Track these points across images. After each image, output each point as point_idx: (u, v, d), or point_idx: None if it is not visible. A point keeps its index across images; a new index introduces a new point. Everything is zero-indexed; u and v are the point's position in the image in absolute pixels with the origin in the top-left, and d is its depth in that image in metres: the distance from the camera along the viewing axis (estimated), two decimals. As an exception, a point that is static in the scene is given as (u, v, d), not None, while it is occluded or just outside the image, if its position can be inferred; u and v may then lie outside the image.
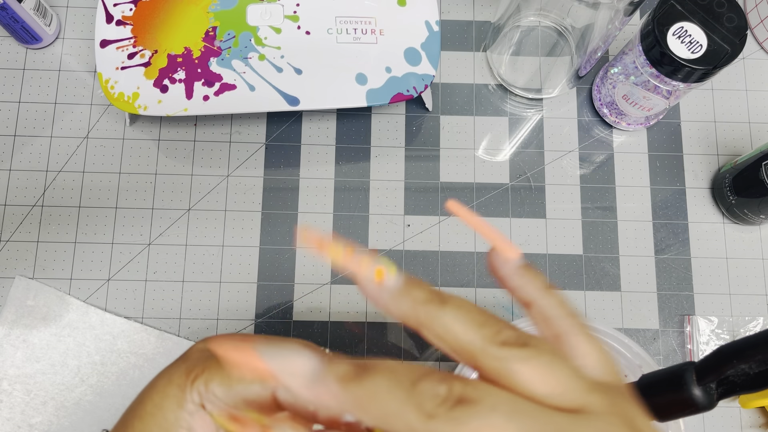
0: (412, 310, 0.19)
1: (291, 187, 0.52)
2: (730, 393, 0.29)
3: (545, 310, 0.21)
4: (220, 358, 0.21)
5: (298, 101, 0.47)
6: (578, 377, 0.18)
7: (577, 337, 0.21)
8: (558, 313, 0.21)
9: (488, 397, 0.17)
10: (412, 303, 0.19)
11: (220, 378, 0.23)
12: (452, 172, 0.53)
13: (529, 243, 0.51)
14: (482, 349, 0.18)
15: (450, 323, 0.19)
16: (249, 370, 0.19)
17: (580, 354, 0.20)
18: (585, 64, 0.50)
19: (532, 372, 0.18)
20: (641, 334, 0.50)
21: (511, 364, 0.18)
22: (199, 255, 0.50)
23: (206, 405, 0.23)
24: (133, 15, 0.48)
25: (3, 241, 0.50)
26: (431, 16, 0.49)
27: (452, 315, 0.19)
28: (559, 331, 0.21)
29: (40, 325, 0.48)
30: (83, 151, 0.52)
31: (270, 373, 0.19)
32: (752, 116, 0.54)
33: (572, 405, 0.18)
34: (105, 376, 0.47)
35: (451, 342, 0.19)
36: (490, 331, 0.18)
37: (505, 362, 0.18)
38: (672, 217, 0.52)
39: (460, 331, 0.18)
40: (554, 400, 0.18)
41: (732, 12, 0.43)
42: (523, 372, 0.18)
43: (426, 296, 0.19)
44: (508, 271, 0.22)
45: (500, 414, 0.16)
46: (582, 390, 0.18)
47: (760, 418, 0.48)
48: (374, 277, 0.20)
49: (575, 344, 0.21)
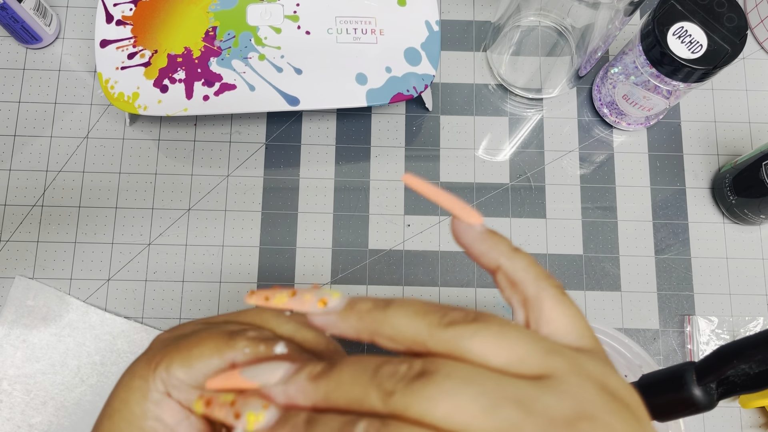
0: (360, 322, 0.19)
1: (291, 187, 0.52)
2: (730, 393, 0.29)
3: (512, 273, 0.21)
4: (180, 341, 0.22)
5: (298, 101, 0.47)
6: (534, 342, 0.18)
7: (547, 301, 0.20)
8: (526, 276, 0.20)
9: (445, 367, 0.17)
10: (358, 316, 0.19)
11: (179, 360, 0.22)
12: (452, 172, 0.52)
13: (529, 243, 0.51)
14: (430, 335, 0.18)
15: (396, 321, 0.19)
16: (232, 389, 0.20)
17: (551, 319, 0.20)
18: (585, 64, 0.50)
19: (482, 345, 0.17)
20: (641, 334, 0.50)
21: (460, 341, 0.18)
22: (199, 255, 0.50)
23: (171, 392, 0.23)
24: (133, 15, 0.48)
25: (3, 241, 0.50)
26: (431, 16, 0.49)
27: (396, 313, 0.19)
28: (527, 295, 0.20)
29: (40, 325, 0.48)
30: (83, 151, 0.52)
31: (253, 386, 0.20)
32: (752, 116, 0.54)
33: (533, 371, 0.17)
34: (105, 376, 0.47)
35: (401, 339, 0.19)
36: (435, 317, 0.18)
37: (454, 342, 0.18)
38: (672, 217, 0.52)
39: (407, 326, 0.18)
40: (513, 369, 0.17)
41: (732, 12, 0.43)
42: (474, 346, 0.17)
43: (369, 305, 0.19)
44: (471, 237, 0.21)
45: (455, 380, 0.16)
46: (541, 354, 0.18)
47: (760, 418, 0.48)
48: (318, 306, 0.20)
49: (545, 309, 0.20)
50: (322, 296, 0.21)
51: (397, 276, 0.50)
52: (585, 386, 0.17)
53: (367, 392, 0.17)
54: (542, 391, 0.17)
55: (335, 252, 0.51)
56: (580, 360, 0.18)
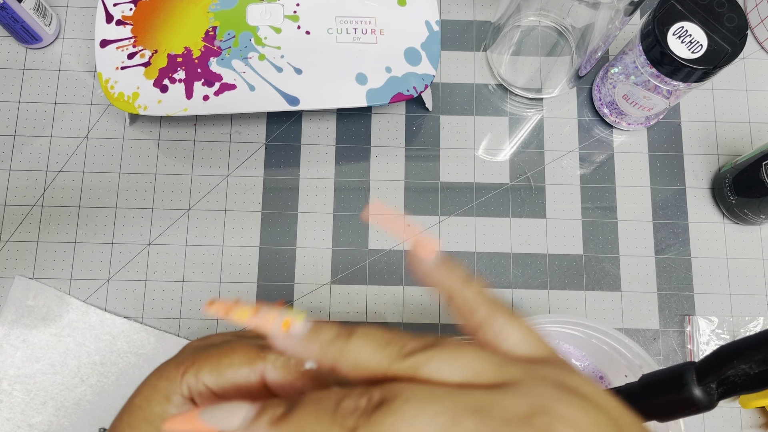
0: (322, 350, 0.20)
1: (291, 187, 0.52)
2: (730, 393, 0.29)
3: (466, 300, 0.22)
4: (210, 349, 0.22)
5: (298, 101, 0.47)
6: (487, 357, 0.19)
7: (498, 321, 0.21)
8: (477, 302, 0.22)
9: (403, 392, 0.17)
10: (320, 344, 0.20)
11: (209, 367, 0.23)
12: (452, 172, 0.52)
13: (529, 243, 0.51)
14: (389, 366, 0.19)
15: (358, 352, 0.19)
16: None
17: (505, 336, 0.21)
18: (585, 64, 0.50)
19: (439, 367, 0.18)
20: (641, 334, 0.50)
21: (419, 369, 0.18)
22: (199, 255, 0.50)
23: (196, 398, 0.23)
24: (133, 15, 0.48)
25: (3, 241, 0.50)
26: (431, 15, 0.49)
27: (358, 344, 0.19)
28: (480, 319, 0.21)
29: (40, 325, 0.48)
30: (83, 151, 0.52)
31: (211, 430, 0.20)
32: (752, 116, 0.54)
33: (490, 381, 0.18)
34: (105, 376, 0.47)
35: (362, 370, 0.19)
36: (395, 348, 0.19)
37: (413, 371, 0.18)
38: (672, 217, 0.52)
39: (368, 357, 0.19)
40: (471, 383, 0.18)
41: (732, 12, 0.43)
42: (431, 370, 0.18)
43: (332, 335, 0.20)
44: (427, 266, 0.22)
45: (414, 404, 0.17)
46: (495, 366, 0.18)
47: (760, 418, 0.48)
48: (281, 328, 0.20)
49: (497, 328, 0.21)
50: (285, 317, 0.20)
51: (397, 276, 0.50)
52: (540, 386, 0.18)
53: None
54: (498, 396, 0.17)
55: (335, 252, 0.51)
56: (534, 366, 0.19)
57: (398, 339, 0.19)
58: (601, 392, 0.19)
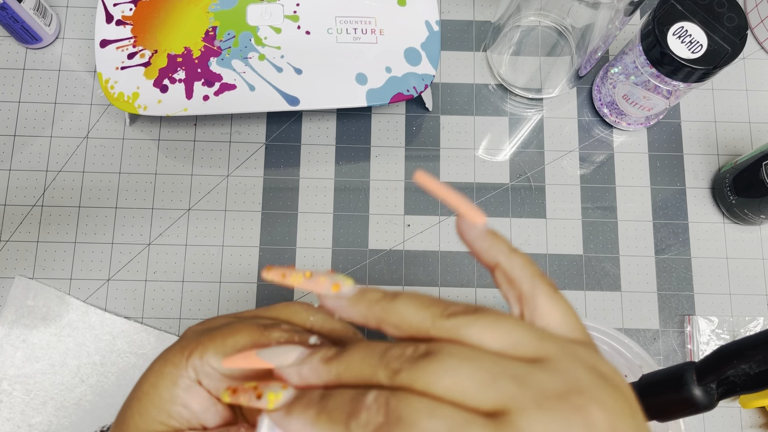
0: (369, 309, 0.21)
1: (291, 187, 0.52)
2: (730, 393, 0.29)
3: (509, 270, 0.22)
4: (214, 331, 0.23)
5: (298, 101, 0.47)
6: (528, 330, 0.19)
7: (540, 297, 0.21)
8: (522, 274, 0.22)
9: (447, 347, 0.18)
10: (367, 303, 0.21)
11: (214, 348, 0.23)
12: (452, 172, 0.52)
13: (529, 243, 0.51)
14: (432, 324, 0.19)
15: (402, 311, 0.20)
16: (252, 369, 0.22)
17: (545, 313, 0.21)
18: (585, 64, 0.50)
19: (481, 332, 0.19)
20: (641, 334, 0.50)
21: (460, 329, 0.19)
22: (199, 255, 0.50)
23: (203, 380, 0.23)
24: (133, 15, 0.48)
25: (3, 241, 0.50)
26: (431, 15, 0.49)
27: (403, 304, 0.20)
28: (522, 291, 0.22)
29: (40, 325, 0.48)
30: (83, 151, 0.52)
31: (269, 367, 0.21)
32: (752, 116, 0.54)
33: (527, 354, 0.19)
34: (105, 376, 0.47)
35: (406, 327, 0.20)
36: (438, 309, 0.20)
37: (455, 330, 0.19)
38: (672, 217, 0.52)
39: (412, 315, 0.20)
40: (509, 352, 0.19)
41: (732, 12, 0.43)
42: (473, 333, 0.19)
43: (379, 295, 0.21)
44: (474, 235, 0.23)
45: (456, 358, 0.18)
46: (534, 340, 0.19)
47: (760, 418, 0.48)
48: (332, 290, 0.22)
49: (539, 304, 0.21)
50: (336, 281, 0.22)
51: (397, 276, 0.50)
52: (576, 367, 0.18)
53: (375, 371, 0.19)
54: (536, 369, 0.18)
55: (335, 252, 0.51)
56: (571, 347, 0.19)
57: (441, 302, 0.20)
58: (627, 385, 0.20)
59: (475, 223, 0.22)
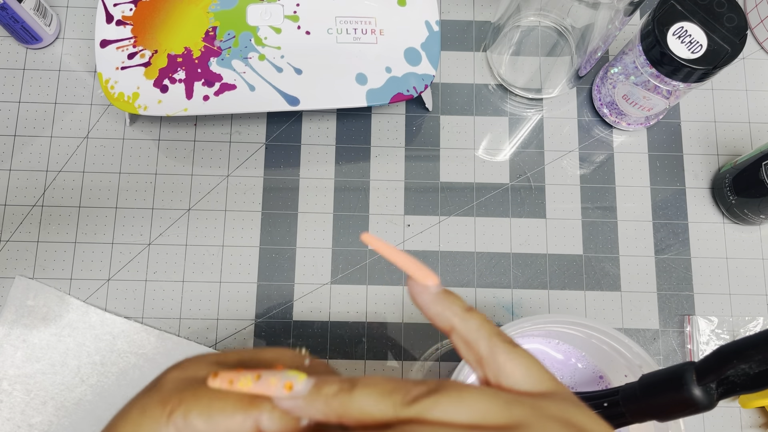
0: (327, 405, 0.20)
1: (291, 187, 0.52)
2: (730, 393, 0.29)
3: (465, 334, 0.22)
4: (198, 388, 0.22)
5: (298, 101, 0.47)
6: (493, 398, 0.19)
7: (500, 356, 0.21)
8: (478, 335, 0.21)
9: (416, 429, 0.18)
10: (324, 400, 0.20)
11: (199, 410, 0.21)
12: (452, 172, 0.53)
13: (529, 243, 0.51)
14: (395, 414, 0.19)
15: (362, 403, 0.19)
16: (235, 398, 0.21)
17: (507, 372, 0.21)
18: (585, 64, 0.50)
19: (445, 410, 0.18)
20: (641, 334, 0.50)
21: (425, 414, 0.18)
22: (199, 255, 0.50)
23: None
24: (133, 15, 0.48)
25: (3, 241, 0.50)
26: (431, 16, 0.49)
27: (361, 395, 0.19)
28: (481, 353, 0.21)
29: (40, 325, 0.48)
30: (83, 151, 0.52)
31: (265, 395, 0.21)
32: (752, 116, 0.54)
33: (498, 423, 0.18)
34: (105, 376, 0.47)
35: (368, 420, 0.19)
36: (398, 396, 0.19)
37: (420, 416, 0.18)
38: (672, 217, 0.52)
39: (372, 407, 0.19)
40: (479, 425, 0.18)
41: (732, 12, 0.43)
42: (438, 414, 0.18)
43: (335, 389, 0.20)
44: (426, 299, 0.22)
45: None
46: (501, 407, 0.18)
47: (760, 418, 0.48)
48: (284, 391, 0.21)
49: (500, 363, 0.21)
50: (287, 380, 0.21)
51: (397, 276, 0.50)
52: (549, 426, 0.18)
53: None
54: None
55: (335, 252, 0.51)
56: (540, 404, 0.19)
57: (401, 386, 0.19)
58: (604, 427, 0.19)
59: (426, 285, 0.22)
